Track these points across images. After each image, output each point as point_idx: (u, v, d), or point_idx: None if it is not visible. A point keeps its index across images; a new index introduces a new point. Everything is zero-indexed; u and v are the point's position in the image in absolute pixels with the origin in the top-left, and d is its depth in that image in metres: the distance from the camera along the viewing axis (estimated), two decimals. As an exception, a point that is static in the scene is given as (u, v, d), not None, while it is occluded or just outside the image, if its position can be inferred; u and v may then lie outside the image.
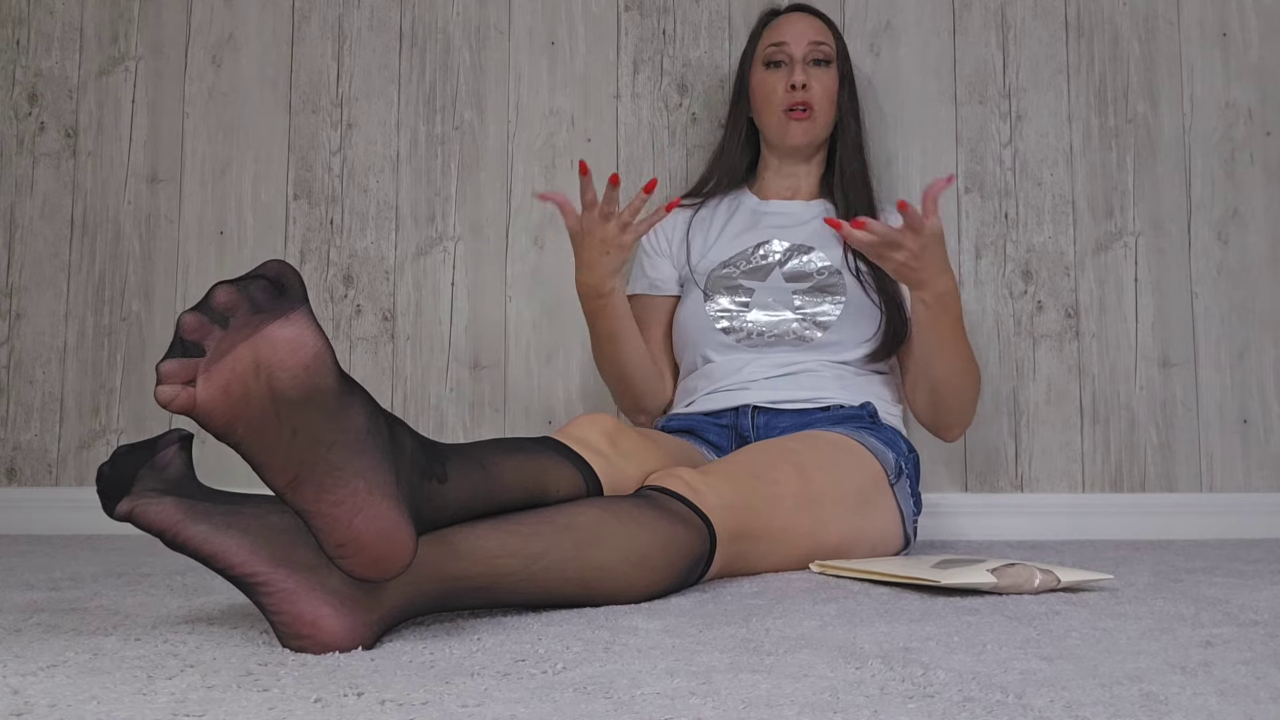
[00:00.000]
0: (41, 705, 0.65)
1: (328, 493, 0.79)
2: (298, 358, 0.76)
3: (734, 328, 1.65)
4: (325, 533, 0.80)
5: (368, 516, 0.79)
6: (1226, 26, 1.99)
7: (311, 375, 0.77)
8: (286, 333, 0.76)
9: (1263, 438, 1.93)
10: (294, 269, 0.79)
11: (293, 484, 0.79)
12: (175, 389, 0.76)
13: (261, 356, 0.75)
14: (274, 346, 0.75)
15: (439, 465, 0.93)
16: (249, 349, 0.75)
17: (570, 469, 1.13)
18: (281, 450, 0.78)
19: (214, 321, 0.77)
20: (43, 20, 2.10)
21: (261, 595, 0.84)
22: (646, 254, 1.80)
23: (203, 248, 2.04)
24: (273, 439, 0.78)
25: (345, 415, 0.80)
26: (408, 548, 0.81)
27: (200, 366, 0.76)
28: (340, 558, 0.80)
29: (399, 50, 2.06)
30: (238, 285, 0.77)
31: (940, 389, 1.59)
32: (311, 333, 0.77)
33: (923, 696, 0.68)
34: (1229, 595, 1.13)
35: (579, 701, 0.67)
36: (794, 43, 1.73)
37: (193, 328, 0.76)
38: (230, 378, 0.76)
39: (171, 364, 0.76)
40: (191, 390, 0.76)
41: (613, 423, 1.26)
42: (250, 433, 0.77)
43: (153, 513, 0.84)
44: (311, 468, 0.79)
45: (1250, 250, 1.96)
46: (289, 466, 0.78)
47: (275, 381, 0.76)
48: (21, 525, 1.96)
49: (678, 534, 1.10)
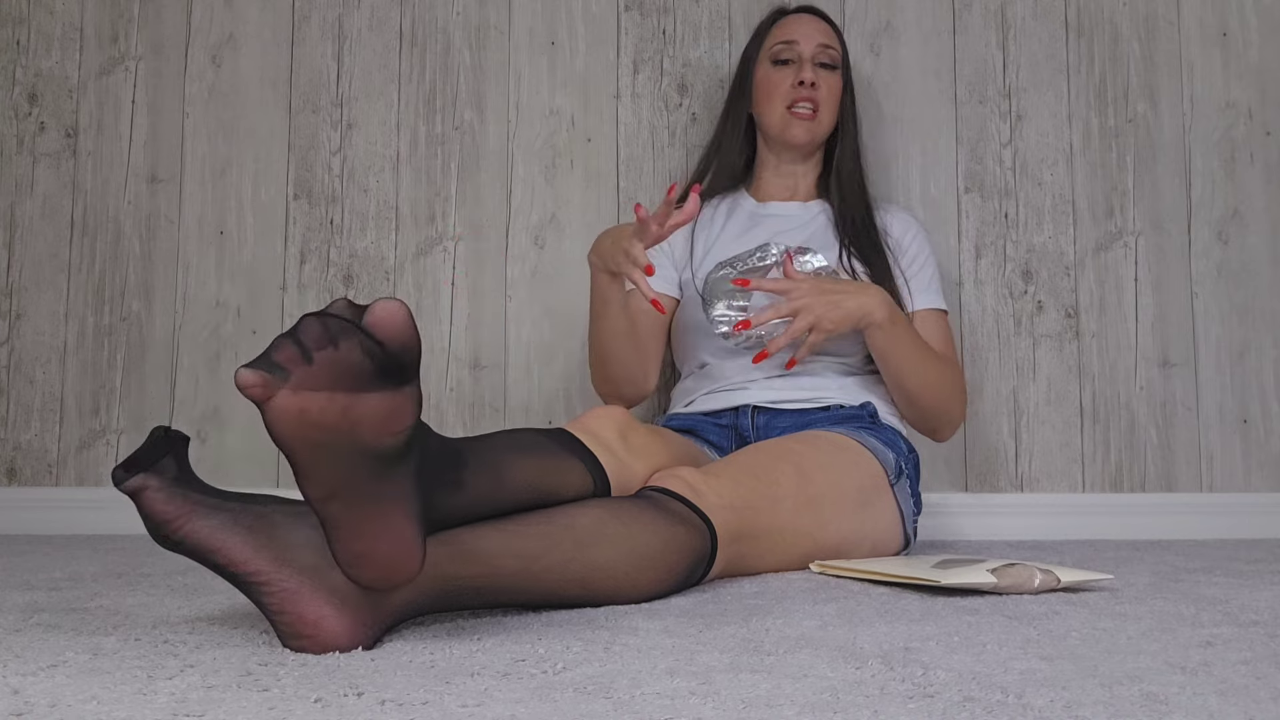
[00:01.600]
0: (41, 705, 0.65)
1: (356, 511, 0.80)
2: (390, 427, 0.78)
3: (733, 332, 1.65)
4: (342, 544, 0.80)
5: (388, 538, 0.81)
6: (1226, 26, 1.99)
7: (397, 439, 0.79)
8: (391, 405, 0.78)
9: (1263, 438, 1.93)
10: (414, 329, 0.77)
11: (326, 498, 0.79)
12: (258, 377, 0.75)
13: (355, 414, 0.77)
14: (374, 413, 0.77)
15: (455, 472, 0.94)
16: (344, 400, 0.76)
17: (580, 470, 1.13)
18: (327, 471, 0.79)
19: (302, 351, 0.76)
20: (43, 20, 2.10)
21: (264, 595, 0.84)
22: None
23: (203, 248, 2.04)
24: (324, 463, 0.78)
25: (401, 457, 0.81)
26: (416, 561, 0.82)
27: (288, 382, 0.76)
28: (350, 567, 0.81)
29: (399, 50, 2.06)
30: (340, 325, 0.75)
31: (917, 399, 1.60)
32: (412, 410, 0.79)
33: (923, 696, 0.68)
34: (1229, 595, 1.13)
35: (579, 701, 0.67)
36: (804, 42, 1.73)
37: (286, 356, 0.76)
38: (311, 405, 0.76)
39: (250, 374, 0.75)
40: (273, 388, 0.75)
41: (625, 417, 1.27)
42: (306, 453, 0.78)
43: (160, 500, 0.84)
44: (349, 489, 0.79)
45: (1250, 250, 1.96)
46: (329, 484, 0.79)
47: (358, 434, 0.77)
48: (21, 525, 1.96)
49: (679, 535, 1.10)
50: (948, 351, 1.66)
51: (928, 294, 1.69)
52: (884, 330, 1.54)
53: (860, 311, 1.52)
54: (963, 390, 1.66)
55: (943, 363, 1.62)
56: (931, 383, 1.59)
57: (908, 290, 1.68)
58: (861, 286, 1.55)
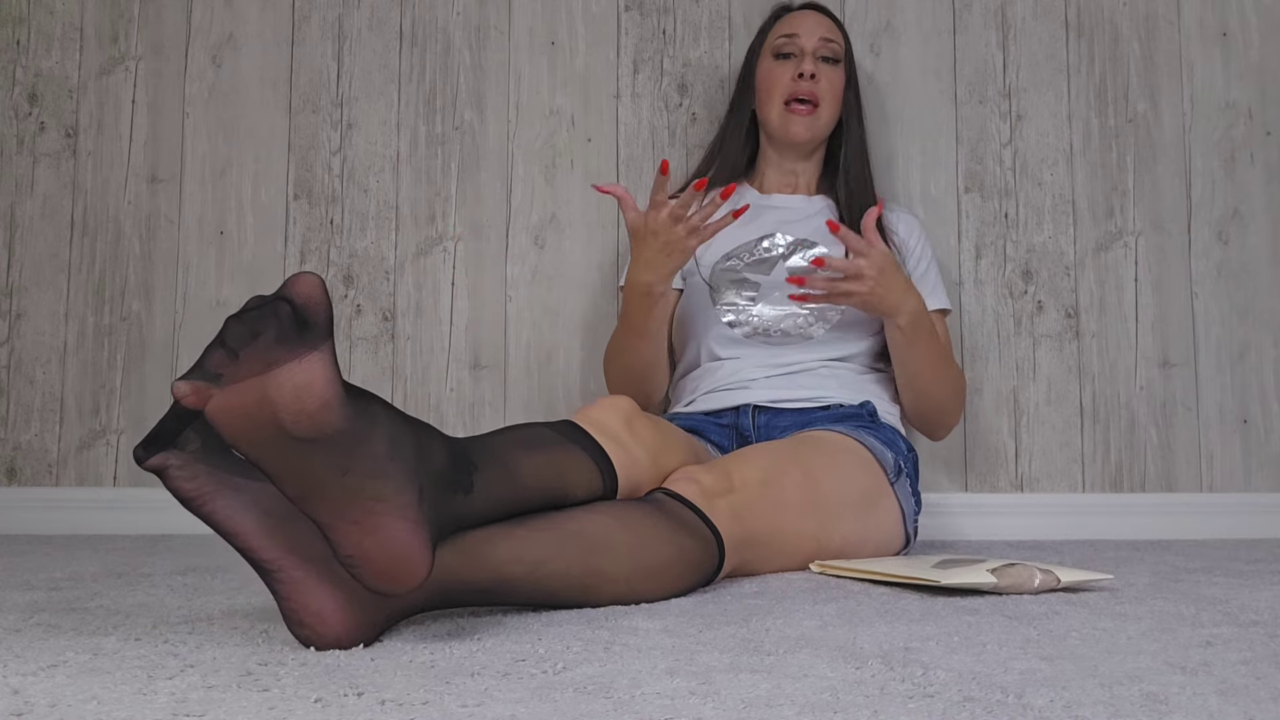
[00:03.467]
0: (41, 705, 0.65)
1: (340, 512, 0.79)
2: (304, 405, 0.76)
3: (740, 321, 1.65)
4: (336, 545, 0.80)
5: (379, 539, 0.79)
6: (1226, 26, 1.99)
7: (317, 422, 0.77)
8: (298, 378, 0.76)
9: (1263, 438, 1.93)
10: (323, 292, 0.77)
11: (303, 499, 0.79)
12: (190, 387, 0.75)
13: (268, 396, 0.76)
14: (281, 389, 0.75)
15: (466, 475, 0.93)
16: (259, 385, 0.75)
17: (589, 465, 1.12)
18: (291, 470, 0.78)
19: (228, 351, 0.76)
20: (43, 20, 2.09)
21: (273, 580, 0.84)
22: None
23: (203, 248, 2.04)
24: (280, 461, 0.78)
25: (360, 445, 0.79)
26: (423, 566, 0.81)
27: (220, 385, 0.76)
28: (350, 568, 0.80)
29: (399, 50, 2.06)
30: (264, 308, 0.76)
31: (925, 400, 1.64)
32: (322, 380, 0.76)
33: (923, 696, 0.68)
34: (1229, 595, 1.13)
35: (579, 701, 0.67)
36: (805, 36, 1.74)
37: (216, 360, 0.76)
38: (237, 402, 0.76)
39: (183, 385, 0.75)
40: (206, 395, 0.75)
41: (631, 407, 1.26)
42: (256, 453, 0.77)
43: (184, 478, 0.84)
44: (323, 488, 0.78)
45: (1250, 250, 1.96)
46: (298, 485, 0.78)
47: (281, 420, 0.76)
48: (21, 525, 1.96)
49: (686, 547, 1.11)
50: (949, 352, 1.68)
51: (933, 295, 1.72)
52: (904, 333, 1.56)
53: (897, 308, 1.54)
54: (963, 392, 1.70)
55: (950, 367, 1.65)
56: (942, 385, 1.63)
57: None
58: (910, 285, 1.56)
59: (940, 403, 1.65)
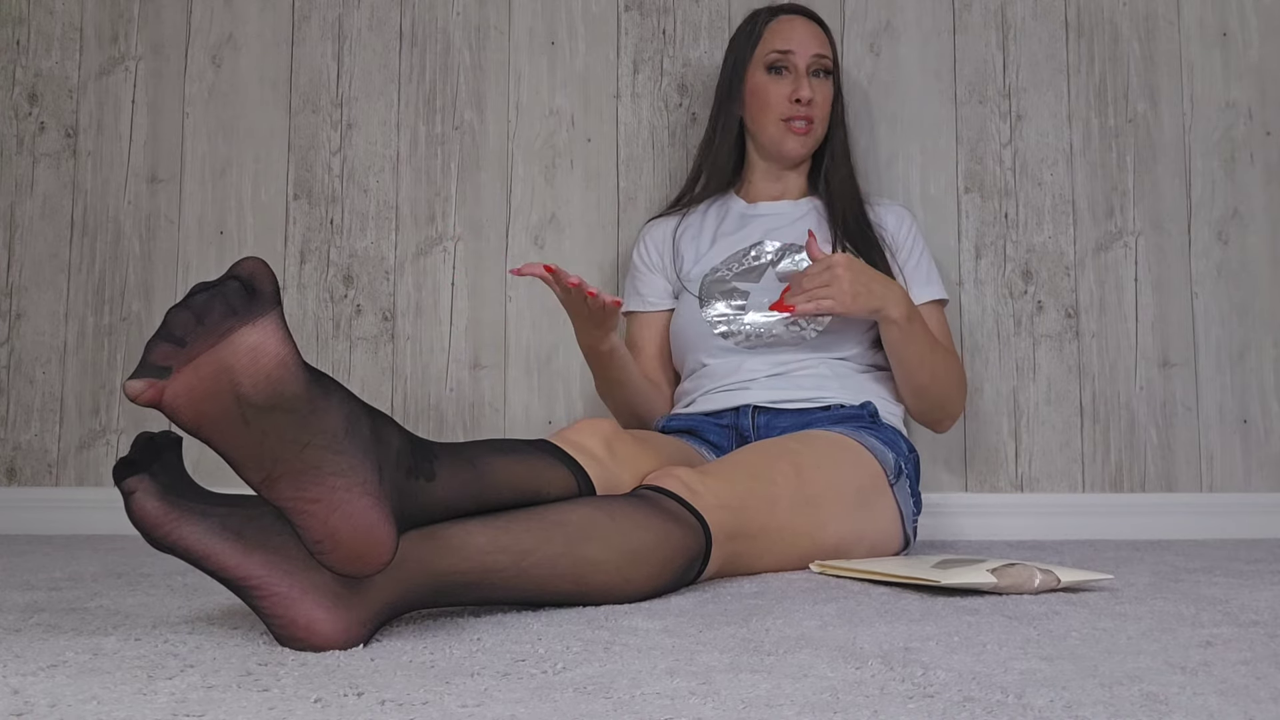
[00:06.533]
0: (41, 705, 0.65)
1: (303, 490, 0.80)
2: (260, 365, 0.77)
3: (732, 331, 1.65)
4: (303, 529, 0.81)
5: (344, 514, 0.80)
6: (1226, 26, 1.99)
7: (275, 382, 0.78)
8: (251, 339, 0.77)
9: (1263, 438, 1.93)
10: (268, 268, 0.80)
11: (267, 481, 0.80)
12: (144, 384, 0.76)
13: (225, 362, 0.77)
14: (237, 353, 0.77)
15: (427, 463, 0.93)
16: (215, 355, 0.77)
17: (564, 472, 1.13)
18: (253, 449, 0.79)
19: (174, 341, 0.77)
20: (43, 20, 2.10)
21: (255, 598, 0.84)
22: (638, 270, 1.80)
23: (203, 248, 2.04)
24: (241, 439, 0.79)
25: (318, 417, 0.80)
26: (387, 545, 0.82)
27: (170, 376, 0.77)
28: (319, 554, 0.81)
29: (399, 50, 2.06)
30: (209, 290, 0.77)
31: (925, 393, 1.63)
32: (276, 339, 0.78)
33: (923, 696, 0.68)
34: (1229, 595, 1.13)
35: (579, 701, 0.67)
36: (799, 52, 1.71)
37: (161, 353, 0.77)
38: (195, 380, 0.77)
39: (135, 384, 0.76)
40: (160, 386, 0.76)
41: (612, 428, 1.26)
42: (217, 433, 0.78)
43: (148, 506, 0.85)
44: (285, 466, 0.79)
45: (1250, 250, 1.96)
46: (262, 465, 0.79)
47: (239, 387, 0.77)
48: (21, 525, 1.96)
49: (672, 532, 1.10)
50: (947, 342, 1.69)
51: (929, 286, 1.71)
52: (900, 327, 1.56)
53: (881, 304, 1.54)
54: (964, 381, 1.69)
55: (950, 356, 1.65)
56: (940, 377, 1.62)
57: (903, 282, 1.69)
58: (889, 282, 1.56)
59: (941, 395, 1.64)
